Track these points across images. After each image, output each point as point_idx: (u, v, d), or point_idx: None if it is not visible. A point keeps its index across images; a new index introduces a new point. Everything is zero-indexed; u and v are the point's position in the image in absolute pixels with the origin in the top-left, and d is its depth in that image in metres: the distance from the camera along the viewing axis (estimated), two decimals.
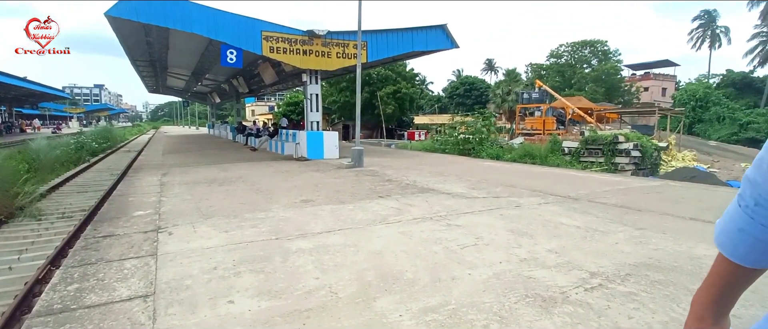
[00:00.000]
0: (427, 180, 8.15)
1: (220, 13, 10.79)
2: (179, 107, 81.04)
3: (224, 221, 4.93)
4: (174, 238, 4.28)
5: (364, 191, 6.92)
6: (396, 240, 4.13)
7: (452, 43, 14.45)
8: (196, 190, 7.24)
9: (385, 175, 8.96)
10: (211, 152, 16.58)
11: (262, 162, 11.88)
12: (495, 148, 17.53)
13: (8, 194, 8.45)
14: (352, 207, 5.70)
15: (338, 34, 12.47)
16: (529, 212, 5.35)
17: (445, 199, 6.23)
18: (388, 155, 14.95)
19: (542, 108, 27.71)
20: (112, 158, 18.46)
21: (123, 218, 5.25)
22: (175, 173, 9.62)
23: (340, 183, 7.85)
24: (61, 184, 11.65)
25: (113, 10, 9.60)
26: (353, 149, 10.45)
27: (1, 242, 6.82)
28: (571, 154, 15.64)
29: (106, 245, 4.07)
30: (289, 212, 5.41)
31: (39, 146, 15.63)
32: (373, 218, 5.03)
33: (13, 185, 8.96)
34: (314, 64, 12.22)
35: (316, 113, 12.54)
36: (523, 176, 9.11)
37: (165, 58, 18.69)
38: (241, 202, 6.11)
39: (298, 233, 4.44)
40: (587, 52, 56.70)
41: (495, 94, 54.23)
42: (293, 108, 41.40)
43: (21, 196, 8.74)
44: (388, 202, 6.01)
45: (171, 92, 37.84)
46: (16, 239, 7.07)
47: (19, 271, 5.63)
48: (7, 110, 44.38)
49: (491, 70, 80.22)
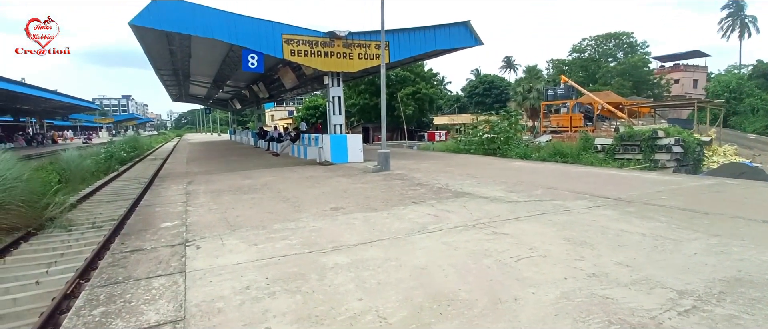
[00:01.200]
0: (460, 183, 7.74)
1: (240, 18, 10.67)
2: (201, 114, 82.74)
3: (253, 233, 4.67)
4: (202, 252, 4.03)
5: (395, 197, 6.57)
6: (440, 253, 3.76)
7: (476, 40, 13.99)
8: (222, 199, 7.04)
9: (415, 178, 8.60)
10: (233, 158, 16.57)
11: (286, 168, 11.69)
12: (522, 147, 16.91)
13: (38, 206, 8.48)
14: (385, 215, 5.36)
15: (359, 34, 12.20)
16: (580, 217, 4.89)
17: (484, 204, 5.82)
18: (412, 157, 14.58)
19: (568, 104, 26.78)
20: (139, 167, 18.72)
21: (150, 230, 5.06)
22: (200, 182, 9.50)
23: (369, 189, 7.52)
24: (91, 193, 11.75)
25: (137, 20, 9.58)
26: (379, 153, 10.12)
27: (30, 255, 6.78)
28: (605, 152, 14.90)
29: (134, 261, 3.85)
30: (319, 222, 5.11)
31: (70, 157, 15.91)
32: (410, 227, 4.67)
33: (43, 196, 9.01)
34: (336, 67, 11.98)
35: (339, 115, 12.29)
36: (561, 176, 8.58)
37: (187, 66, 18.84)
38: (269, 211, 5.85)
39: (332, 245, 4.12)
40: (612, 45, 54.95)
41: (516, 92, 53.16)
42: (312, 112, 41.53)
43: (51, 207, 8.78)
44: (423, 208, 5.64)
45: (193, 100, 38.47)
46: (46, 251, 7.02)
47: (46, 285, 5.52)
48: (38, 122, 46.02)
49: (510, 68, 78.88)
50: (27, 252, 6.96)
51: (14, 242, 7.14)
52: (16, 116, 41.94)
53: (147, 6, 9.56)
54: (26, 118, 44.93)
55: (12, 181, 8.20)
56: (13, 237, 7.25)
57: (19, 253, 6.91)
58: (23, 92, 29.38)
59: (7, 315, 4.85)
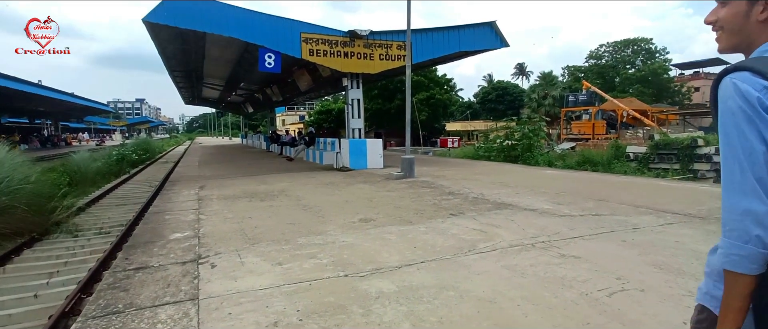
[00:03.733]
0: (494, 193, 7.05)
1: (257, 15, 10.17)
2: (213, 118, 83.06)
3: (275, 249, 4.05)
4: (218, 273, 3.42)
5: (429, 208, 5.91)
6: (505, 281, 3.09)
7: (502, 42, 13.34)
8: (237, 206, 6.45)
9: (444, 187, 7.93)
10: (246, 162, 16.06)
11: (302, 173, 11.10)
12: (545, 154, 16.14)
13: (44, 209, 8.00)
14: (423, 229, 4.70)
15: (381, 34, 11.62)
16: (658, 237, 4.18)
17: (533, 218, 5.13)
18: (432, 163, 13.90)
19: (591, 111, 25.84)
20: (150, 170, 18.30)
21: (158, 242, 4.47)
22: (213, 186, 8.95)
23: (396, 197, 6.87)
24: (101, 197, 11.29)
25: (151, 16, 9.14)
26: (404, 158, 9.48)
27: (32, 263, 6.25)
28: (639, 160, 14.04)
29: (138, 282, 3.25)
30: (349, 236, 4.47)
31: (81, 159, 15.56)
32: (458, 245, 4.01)
33: (51, 200, 8.54)
34: (356, 67, 11.40)
35: (359, 119, 11.69)
36: (603, 187, 7.84)
37: (201, 67, 18.48)
38: (290, 222, 5.24)
39: (370, 266, 3.48)
40: (630, 51, 53.75)
41: (530, 98, 52.21)
42: (324, 117, 41.09)
43: (58, 210, 8.29)
44: (464, 222, 4.97)
45: (206, 103, 38.34)
46: (49, 259, 6.49)
47: (45, 299, 4.95)
48: (53, 124, 46.34)
49: (522, 75, 77.84)
50: (29, 260, 6.43)
51: (16, 248, 6.62)
52: (32, 117, 42.24)
53: (161, 2, 9.11)
54: (42, 119, 45.28)
55: (18, 183, 7.74)
56: (15, 243, 6.74)
57: (21, 261, 6.38)
58: (39, 94, 29.43)
59: None
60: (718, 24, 0.97)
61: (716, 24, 0.98)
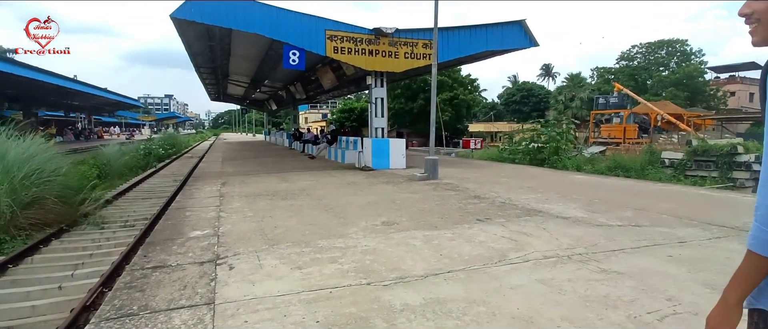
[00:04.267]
0: (523, 198, 6.74)
1: (282, 12, 10.12)
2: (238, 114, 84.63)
3: (295, 252, 3.90)
4: (235, 275, 3.29)
5: (454, 212, 5.67)
6: (542, 297, 2.84)
7: (531, 41, 12.89)
8: (258, 205, 6.37)
9: (469, 190, 7.65)
10: (268, 160, 16.13)
11: (324, 172, 11.00)
12: (574, 158, 15.55)
13: (73, 201, 8.16)
14: (449, 235, 4.47)
15: (406, 32, 11.39)
16: (707, 253, 3.82)
17: (567, 226, 4.82)
18: (456, 164, 13.59)
19: (622, 114, 24.83)
20: (176, 164, 18.65)
21: (178, 239, 4.40)
22: (234, 183, 8.94)
23: (420, 200, 6.65)
24: (127, 190, 11.51)
25: (178, 12, 9.21)
26: (427, 160, 9.23)
27: (60, 254, 6.34)
28: (674, 167, 13.34)
29: (154, 283, 3.15)
30: (372, 240, 4.28)
31: (110, 152, 15.94)
32: (487, 254, 3.76)
33: (80, 192, 8.72)
34: (380, 66, 11.21)
35: (382, 118, 11.50)
36: (639, 195, 7.40)
37: (226, 64, 18.70)
38: (310, 223, 5.10)
39: (394, 275, 3.28)
40: (663, 53, 51.65)
41: (556, 100, 50.96)
42: (347, 115, 41.13)
43: (87, 202, 8.45)
44: (492, 228, 4.71)
45: (231, 100, 38.98)
46: (75, 250, 6.59)
47: (69, 291, 4.98)
48: (87, 118, 48.11)
49: (548, 76, 75.99)
50: (56, 251, 6.53)
51: (45, 238, 6.75)
52: (67, 111, 43.99)
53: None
54: (76, 113, 47.08)
55: (50, 175, 7.90)
56: (44, 233, 6.87)
57: (49, 251, 6.50)
58: (74, 88, 30.57)
59: (22, 327, 4.32)
60: (754, 16, 0.94)
61: (752, 16, 0.95)
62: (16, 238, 6.51)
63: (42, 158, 7.92)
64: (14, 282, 5.22)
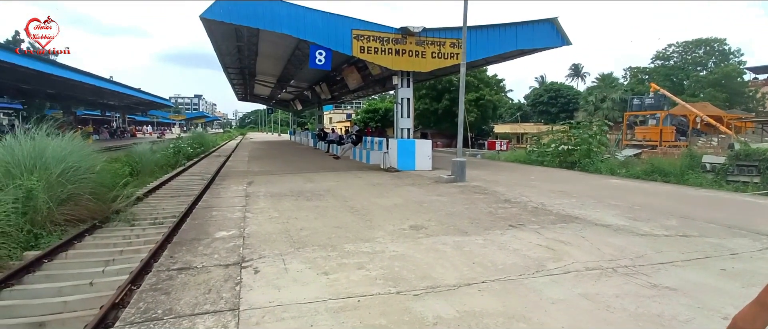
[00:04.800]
0: (557, 203, 6.42)
1: (309, 12, 10.10)
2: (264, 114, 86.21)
3: (321, 256, 3.79)
4: (261, 279, 3.20)
5: (484, 216, 5.44)
6: (587, 314, 2.61)
7: (563, 39, 12.44)
8: (283, 205, 6.32)
9: (498, 193, 7.38)
10: (293, 159, 16.22)
11: (349, 173, 10.92)
12: (607, 161, 14.90)
13: (106, 198, 8.37)
14: (480, 241, 4.26)
15: (434, 31, 11.18)
16: (760, 265, 3.51)
17: (607, 235, 4.52)
18: (483, 166, 13.26)
19: (659, 116, 23.71)
20: (204, 163, 19.03)
21: (204, 239, 4.37)
22: (260, 183, 8.97)
23: (447, 203, 6.44)
24: (157, 187, 11.76)
25: (208, 13, 9.32)
26: (454, 161, 9.00)
27: (92, 250, 6.47)
28: (715, 172, 12.55)
29: (180, 285, 3.10)
30: (400, 245, 4.12)
31: (142, 150, 16.40)
32: (521, 264, 3.54)
33: (112, 189, 8.94)
34: (407, 66, 11.04)
35: (408, 118, 11.32)
36: (682, 200, 6.95)
37: (254, 64, 18.94)
38: (336, 225, 4.98)
39: (424, 284, 3.11)
40: (701, 52, 49.22)
41: (586, 101, 49.39)
42: (371, 116, 41.12)
43: (119, 199, 8.65)
44: (527, 235, 4.47)
45: (257, 100, 39.64)
46: (107, 246, 6.71)
47: (99, 288, 5.04)
48: (121, 117, 49.99)
49: (577, 77, 73.74)
50: (89, 246, 6.67)
51: (79, 234, 6.91)
52: (103, 110, 45.86)
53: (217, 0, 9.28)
54: (111, 112, 49.01)
55: (85, 172, 8.12)
56: (78, 229, 7.05)
57: (82, 247, 6.64)
58: (110, 88, 31.79)
59: (54, 322, 4.38)
60: None
61: None
62: (52, 233, 6.70)
63: (78, 156, 8.14)
64: (49, 276, 5.34)
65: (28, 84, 24.62)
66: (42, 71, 20.51)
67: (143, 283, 3.28)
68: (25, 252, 6.04)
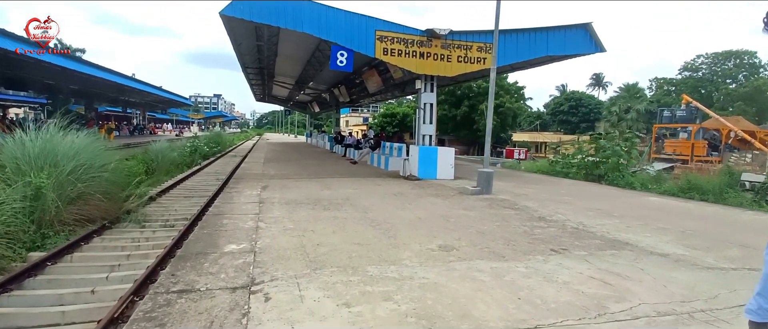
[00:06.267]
0: (597, 223, 5.82)
1: (331, 11, 9.71)
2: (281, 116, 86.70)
3: (341, 280, 3.31)
4: (272, 310, 2.73)
5: (520, 237, 4.88)
6: None
7: (597, 46, 11.78)
8: (299, 214, 5.87)
9: (529, 209, 6.80)
10: (310, 162, 15.84)
11: (368, 179, 10.44)
12: (636, 175, 14.09)
13: (118, 197, 8.09)
14: (522, 269, 3.72)
15: (461, 34, 10.66)
16: None
17: (669, 267, 3.92)
18: (506, 177, 12.64)
19: (691, 129, 22.59)
20: (219, 162, 18.84)
21: (211, 254, 3.95)
22: (275, 188, 8.57)
23: (476, 219, 5.90)
24: (171, 187, 11.53)
25: (228, 10, 9.02)
26: (481, 172, 8.44)
27: (98, 253, 6.16)
28: (755, 191, 11.67)
29: (177, 314, 2.65)
30: (430, 270, 3.62)
31: (159, 148, 16.25)
32: (579, 303, 2.99)
33: (125, 188, 8.68)
34: (431, 69, 10.54)
35: (430, 124, 10.80)
36: (734, 226, 6.26)
37: (273, 65, 18.72)
38: (357, 241, 4.50)
39: (466, 325, 2.60)
40: (731, 65, 47.44)
41: (609, 111, 48.04)
42: (389, 120, 40.74)
43: (131, 199, 8.38)
44: (573, 263, 3.91)
45: (275, 101, 39.66)
46: (114, 249, 6.40)
47: (101, 296, 4.69)
48: (141, 114, 50.74)
49: (598, 86, 72.07)
50: (96, 249, 6.37)
51: (87, 235, 6.62)
52: (125, 107, 46.57)
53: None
54: (132, 109, 49.79)
55: (97, 170, 7.86)
56: (87, 230, 6.76)
57: (89, 249, 6.34)
58: (131, 86, 32.14)
59: None
60: None
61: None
62: (60, 233, 6.41)
63: (90, 153, 7.87)
64: (50, 281, 5.02)
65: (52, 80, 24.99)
66: (65, 67, 20.71)
67: (135, 310, 2.85)
68: (30, 253, 5.75)
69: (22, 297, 4.61)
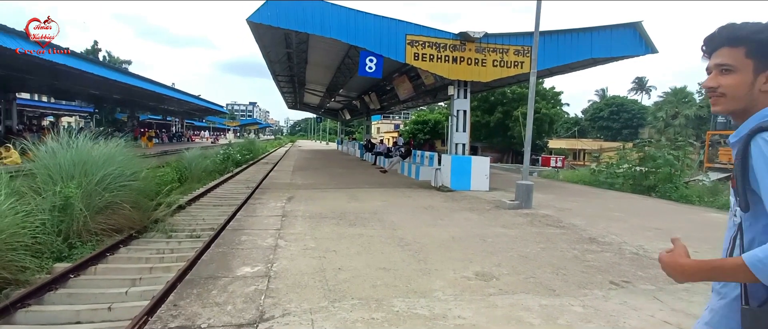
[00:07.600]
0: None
1: (360, 15, 9.37)
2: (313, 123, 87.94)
3: (362, 318, 2.83)
4: None
5: (570, 264, 4.24)
6: None
7: (648, 47, 10.82)
8: (322, 230, 5.47)
9: (576, 227, 6.08)
10: (339, 171, 15.56)
11: (397, 190, 9.96)
12: (693, 188, 12.85)
13: (147, 206, 8.05)
14: (579, 309, 3.11)
15: (496, 37, 10.05)
16: None
17: None
18: (545, 188, 11.79)
19: None
20: (251, 170, 18.95)
21: (222, 278, 3.58)
22: (301, 199, 8.24)
23: (517, 239, 5.28)
24: (201, 195, 11.54)
25: (255, 16, 8.88)
26: (520, 184, 7.76)
27: (121, 265, 6.03)
28: None
29: None
30: (467, 307, 3.08)
31: (192, 156, 16.50)
32: None
33: (155, 196, 8.66)
34: (465, 75, 9.97)
35: (464, 132, 10.21)
36: None
37: (303, 73, 18.69)
38: (383, 265, 4.02)
39: None
40: None
41: (655, 117, 45.38)
42: (420, 127, 40.15)
43: (160, 208, 8.33)
44: (641, 302, 3.26)
45: (307, 109, 40.04)
46: (139, 261, 6.28)
47: (117, 314, 4.49)
48: (180, 122, 52.68)
49: (641, 91, 68.36)
50: (119, 261, 6.26)
51: (113, 246, 6.55)
52: (164, 115, 48.48)
53: (265, 2, 8.80)
54: (171, 117, 51.83)
55: (127, 179, 7.84)
56: (114, 240, 6.69)
57: (113, 261, 6.25)
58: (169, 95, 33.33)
59: None
60: (719, 91, 1.05)
61: (717, 90, 1.05)
62: (86, 244, 6.35)
63: (121, 161, 7.86)
64: (70, 296, 4.89)
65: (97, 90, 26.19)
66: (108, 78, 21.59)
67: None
68: (56, 264, 5.68)
69: (39, 313, 4.46)
